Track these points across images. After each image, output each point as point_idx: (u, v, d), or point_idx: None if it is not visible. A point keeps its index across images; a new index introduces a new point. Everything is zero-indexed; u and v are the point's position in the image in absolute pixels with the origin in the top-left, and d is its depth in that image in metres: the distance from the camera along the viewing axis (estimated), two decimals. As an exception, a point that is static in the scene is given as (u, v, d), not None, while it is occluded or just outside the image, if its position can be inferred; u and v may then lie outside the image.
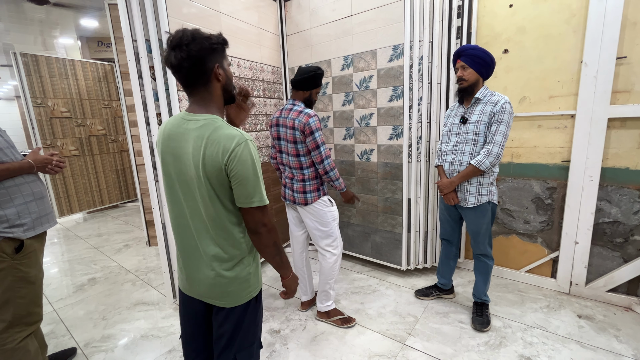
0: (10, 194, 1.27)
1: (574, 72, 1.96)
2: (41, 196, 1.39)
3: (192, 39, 0.85)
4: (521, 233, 2.31)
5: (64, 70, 4.27)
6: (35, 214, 1.34)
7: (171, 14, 1.89)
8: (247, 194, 0.89)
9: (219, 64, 0.91)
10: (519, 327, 1.86)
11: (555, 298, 2.14)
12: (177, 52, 0.84)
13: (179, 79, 0.90)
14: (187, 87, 0.92)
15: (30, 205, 1.32)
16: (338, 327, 1.93)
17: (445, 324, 1.93)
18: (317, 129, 1.70)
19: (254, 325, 1.05)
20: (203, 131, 0.88)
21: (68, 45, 6.37)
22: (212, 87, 0.92)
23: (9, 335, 1.31)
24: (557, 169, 2.11)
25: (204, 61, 0.87)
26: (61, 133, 4.28)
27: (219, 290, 0.97)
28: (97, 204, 4.77)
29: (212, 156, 0.85)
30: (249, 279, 1.00)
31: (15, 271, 1.29)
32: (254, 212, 0.92)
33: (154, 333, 1.96)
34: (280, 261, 1.02)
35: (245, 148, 0.87)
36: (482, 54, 1.67)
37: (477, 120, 1.73)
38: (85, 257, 3.24)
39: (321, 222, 1.85)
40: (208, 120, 0.89)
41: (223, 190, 0.90)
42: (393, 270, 2.61)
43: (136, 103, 1.86)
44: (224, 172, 0.87)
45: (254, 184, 0.89)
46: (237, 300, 0.99)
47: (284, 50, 2.86)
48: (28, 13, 4.61)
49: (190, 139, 0.89)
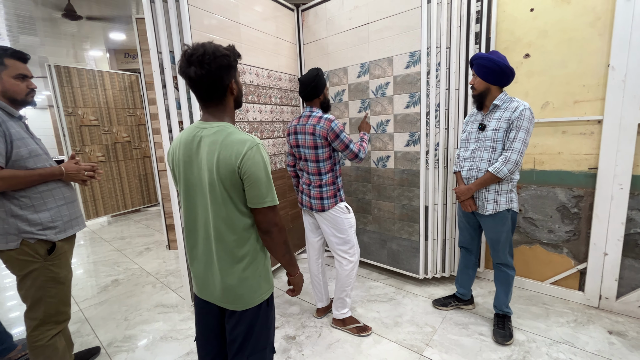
0: (44, 198, 1.35)
1: (600, 76, 1.89)
2: (72, 200, 1.47)
3: (213, 58, 0.88)
4: (545, 243, 2.22)
5: (93, 80, 4.51)
6: (67, 217, 1.42)
7: (193, 26, 1.97)
8: (260, 195, 0.93)
9: (234, 79, 0.97)
10: (544, 342, 1.78)
11: (584, 312, 2.03)
12: (197, 68, 0.88)
13: (195, 92, 0.95)
14: (202, 100, 0.97)
15: (61, 208, 1.40)
16: (354, 336, 1.91)
17: (465, 335, 1.87)
18: (340, 131, 1.75)
19: (266, 328, 1.07)
20: (217, 137, 0.92)
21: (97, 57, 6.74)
22: (227, 100, 0.99)
23: (40, 333, 1.38)
24: (583, 177, 2.02)
25: (222, 79, 0.93)
26: (89, 140, 4.50)
27: (231, 293, 1.00)
28: (121, 208, 4.96)
29: (225, 160, 0.89)
30: (260, 282, 1.02)
31: (47, 272, 1.36)
32: (267, 212, 0.96)
33: (173, 335, 2.00)
34: (290, 259, 1.07)
35: (257, 151, 0.91)
36: (489, 63, 1.65)
37: (496, 127, 1.70)
38: (109, 259, 3.37)
39: (338, 229, 1.85)
40: (221, 127, 0.94)
41: (236, 192, 0.93)
42: (410, 279, 2.56)
43: (160, 111, 1.94)
44: (237, 175, 0.90)
45: (266, 184, 0.93)
46: (248, 303, 1.01)
47: (300, 59, 2.91)
48: (62, 28, 4.93)
49: (205, 144, 0.94)
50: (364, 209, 2.70)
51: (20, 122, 1.36)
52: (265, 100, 2.59)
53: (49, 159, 1.43)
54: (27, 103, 1.37)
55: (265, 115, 2.59)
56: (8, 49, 1.30)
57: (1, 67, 1.29)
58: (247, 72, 2.39)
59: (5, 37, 5.25)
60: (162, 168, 3.44)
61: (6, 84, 1.29)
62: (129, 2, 4.24)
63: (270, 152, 2.68)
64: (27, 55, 1.37)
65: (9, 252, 1.31)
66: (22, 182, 1.27)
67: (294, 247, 2.95)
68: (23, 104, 1.36)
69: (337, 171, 1.86)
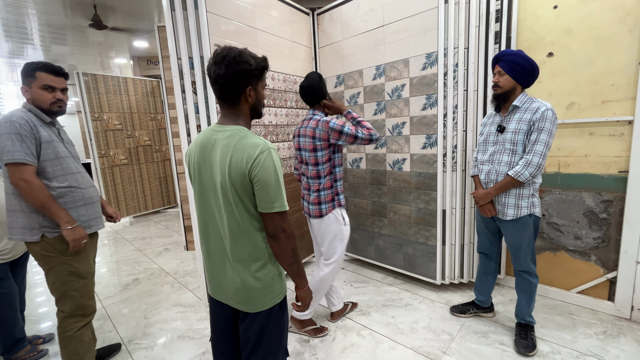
0: (63, 197, 1.43)
1: (630, 74, 1.79)
2: (92, 201, 1.55)
3: (233, 60, 0.91)
4: (571, 250, 2.12)
5: (117, 87, 4.71)
6: (84, 217, 1.50)
7: (212, 32, 2.02)
8: (269, 199, 0.93)
9: (252, 87, 0.97)
10: (569, 354, 1.69)
11: (614, 324, 1.92)
12: (217, 67, 0.91)
13: (214, 91, 0.98)
14: (219, 99, 0.99)
15: (80, 209, 1.48)
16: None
17: (485, 344, 1.80)
18: (342, 127, 1.72)
19: (279, 332, 1.06)
20: (230, 140, 0.94)
21: (122, 65, 7.04)
22: (241, 105, 0.99)
23: (68, 325, 1.48)
24: (612, 180, 1.92)
25: (237, 82, 0.94)
26: (114, 144, 4.69)
27: (244, 295, 1.00)
28: (142, 209, 5.13)
29: (237, 163, 0.90)
30: (272, 284, 1.02)
31: (67, 266, 1.46)
32: (275, 217, 0.95)
33: (190, 334, 2.04)
34: (297, 270, 1.03)
35: (268, 156, 0.91)
36: (521, 60, 1.58)
37: (516, 129, 1.63)
38: (131, 259, 3.49)
39: (330, 240, 1.86)
40: (235, 131, 0.95)
41: (247, 195, 0.94)
42: (426, 284, 2.50)
43: (179, 115, 2.00)
44: (247, 178, 0.91)
45: (275, 189, 0.93)
46: (261, 306, 1.01)
47: (316, 62, 2.93)
48: (89, 37, 5.19)
49: (218, 147, 0.95)
50: (380, 213, 2.67)
51: (53, 127, 1.48)
52: (281, 104, 2.62)
53: (76, 161, 1.53)
54: (53, 112, 1.46)
55: (280, 118, 2.62)
56: (40, 63, 1.42)
57: (32, 79, 1.41)
58: (263, 76, 2.43)
59: (39, 47, 5.58)
60: (181, 170, 3.54)
61: (34, 93, 1.42)
62: (151, 11, 4.41)
63: (284, 155, 2.70)
64: (58, 68, 1.45)
65: (34, 247, 1.42)
66: (37, 204, 1.35)
67: (306, 250, 2.95)
68: (49, 112, 1.45)
69: (336, 174, 1.84)
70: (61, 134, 1.52)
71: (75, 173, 1.49)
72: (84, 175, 1.55)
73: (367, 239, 2.81)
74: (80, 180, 1.51)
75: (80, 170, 1.55)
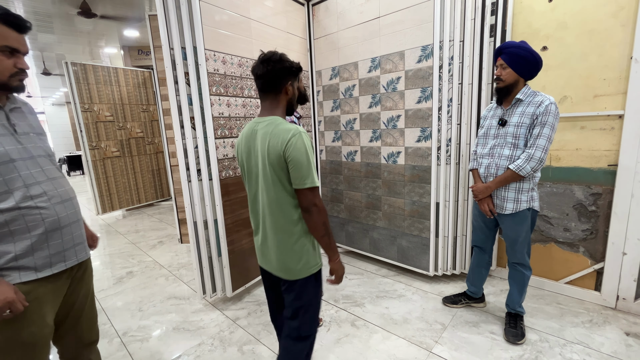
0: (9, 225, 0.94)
1: (622, 69, 1.82)
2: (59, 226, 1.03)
3: (278, 61, 1.11)
4: (561, 242, 2.17)
5: (108, 77, 4.61)
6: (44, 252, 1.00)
7: (205, 22, 1.98)
8: (301, 176, 1.07)
9: (291, 82, 1.17)
10: (557, 342, 1.74)
11: (600, 313, 1.98)
12: (264, 64, 1.11)
13: (258, 84, 1.16)
14: (262, 92, 1.17)
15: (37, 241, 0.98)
16: (360, 331, 1.91)
17: (475, 333, 1.85)
18: None
19: (315, 302, 1.23)
20: (268, 128, 1.11)
21: (112, 54, 6.87)
22: (280, 97, 1.17)
23: None
24: (602, 174, 1.96)
25: (280, 76, 1.13)
26: (105, 136, 4.61)
27: (282, 264, 1.16)
28: (135, 202, 5.08)
29: (274, 146, 1.07)
30: (307, 257, 1.16)
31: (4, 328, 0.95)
32: (307, 193, 1.08)
33: (185, 326, 2.05)
34: (329, 242, 1.14)
35: (299, 138, 1.06)
36: (525, 53, 1.55)
37: (518, 123, 1.61)
38: (124, 252, 3.47)
39: None
40: (271, 120, 1.13)
41: (283, 174, 1.09)
42: (420, 276, 2.54)
43: (172, 107, 1.97)
44: (282, 158, 1.06)
45: (306, 168, 1.06)
46: (297, 275, 1.16)
47: (311, 54, 2.90)
48: (78, 26, 5.04)
49: (259, 136, 1.13)
50: (374, 205, 2.69)
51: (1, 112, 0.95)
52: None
53: (43, 161, 1.02)
54: (12, 88, 0.96)
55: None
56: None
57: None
58: (257, 67, 2.40)
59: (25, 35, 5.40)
60: (175, 163, 3.50)
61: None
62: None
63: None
64: (25, 21, 0.95)
65: None
66: None
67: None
68: (6, 88, 0.94)
69: None
70: (11, 120, 0.97)
71: (33, 184, 0.96)
72: (55, 184, 1.03)
73: (362, 231, 2.84)
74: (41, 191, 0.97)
75: (51, 175, 1.02)
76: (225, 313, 2.17)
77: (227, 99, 2.18)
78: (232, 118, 2.22)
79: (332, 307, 2.19)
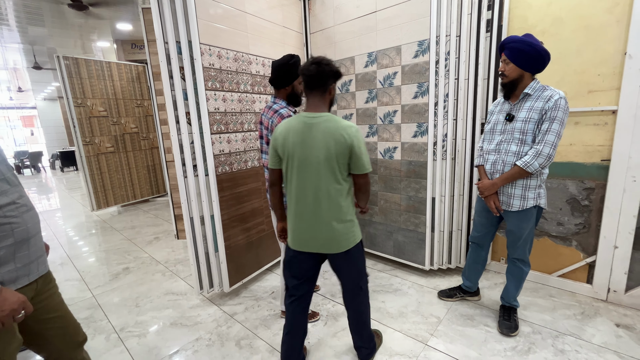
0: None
1: (616, 65, 1.83)
2: (27, 236, 0.98)
3: (328, 63, 1.31)
4: (554, 235, 2.20)
5: (101, 72, 4.54)
6: (9, 265, 0.94)
7: (200, 15, 1.95)
8: (364, 163, 1.31)
9: (334, 84, 1.38)
10: (549, 334, 1.78)
11: (591, 305, 2.02)
12: (317, 65, 1.29)
13: (308, 82, 1.32)
14: (310, 89, 1.33)
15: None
16: None
17: (470, 326, 1.88)
18: None
19: (362, 261, 1.50)
20: (329, 124, 1.28)
21: (105, 48, 6.75)
22: (326, 95, 1.36)
23: None
24: (595, 169, 1.98)
25: (328, 77, 1.32)
26: (99, 131, 4.56)
27: (336, 241, 1.37)
28: (130, 198, 5.05)
29: (341, 140, 1.26)
30: (353, 230, 1.40)
31: None
32: (366, 176, 1.36)
33: (182, 322, 2.05)
34: (367, 201, 1.49)
35: (359, 132, 1.29)
36: (526, 47, 1.49)
37: (526, 118, 1.56)
38: (120, 248, 3.45)
39: None
40: (329, 117, 1.30)
41: (344, 165, 1.30)
42: (416, 270, 2.57)
43: (167, 102, 1.95)
44: (348, 150, 1.26)
45: (366, 155, 1.32)
46: (349, 245, 1.39)
47: (307, 49, 2.87)
48: (69, 18, 4.94)
49: (319, 130, 1.28)
50: (370, 201, 2.70)
51: None
52: (272, 91, 2.58)
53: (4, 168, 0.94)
54: None
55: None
56: None
57: None
58: (253, 62, 2.38)
59: (15, 29, 5.29)
60: (170, 159, 3.47)
61: None
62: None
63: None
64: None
65: None
66: None
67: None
68: None
69: None
70: None
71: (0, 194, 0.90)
72: (20, 191, 0.97)
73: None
74: (9, 200, 0.91)
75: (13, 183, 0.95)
76: (222, 308, 2.18)
77: (223, 94, 2.17)
78: (228, 113, 2.21)
79: (329, 302, 2.20)
